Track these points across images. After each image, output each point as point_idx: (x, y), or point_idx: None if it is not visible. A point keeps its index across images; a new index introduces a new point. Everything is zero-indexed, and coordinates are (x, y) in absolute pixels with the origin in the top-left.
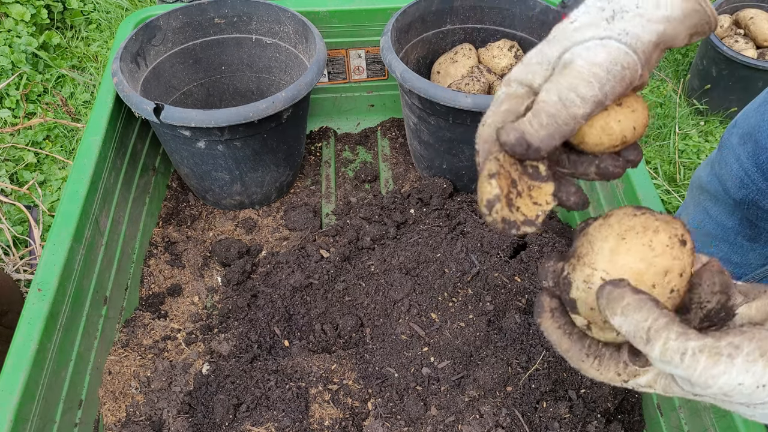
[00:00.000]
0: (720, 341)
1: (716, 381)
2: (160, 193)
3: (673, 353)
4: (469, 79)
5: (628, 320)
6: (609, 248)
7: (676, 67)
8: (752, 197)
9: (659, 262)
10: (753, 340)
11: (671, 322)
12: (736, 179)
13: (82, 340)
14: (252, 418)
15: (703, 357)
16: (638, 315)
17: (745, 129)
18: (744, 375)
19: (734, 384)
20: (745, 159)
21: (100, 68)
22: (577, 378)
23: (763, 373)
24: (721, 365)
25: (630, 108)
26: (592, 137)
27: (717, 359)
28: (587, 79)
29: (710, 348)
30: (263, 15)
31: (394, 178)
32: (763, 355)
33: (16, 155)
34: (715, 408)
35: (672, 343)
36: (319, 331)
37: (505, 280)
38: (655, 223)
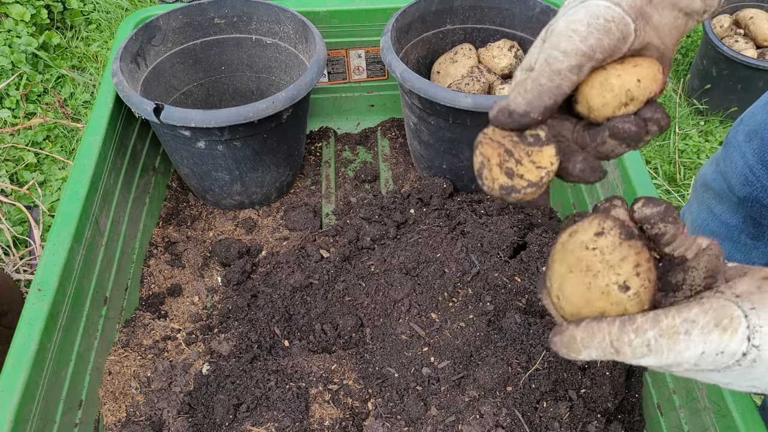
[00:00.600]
0: (675, 319)
1: (682, 356)
2: (160, 193)
3: (640, 348)
4: (469, 79)
5: (593, 351)
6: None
7: (676, 67)
8: (756, 195)
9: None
10: (709, 312)
11: (623, 325)
12: (741, 176)
13: (82, 341)
14: (252, 418)
15: (664, 340)
16: (595, 341)
17: (751, 126)
18: (702, 346)
19: (697, 355)
20: (750, 156)
21: (100, 68)
22: (577, 378)
23: (719, 341)
24: (681, 342)
25: (632, 64)
26: (594, 98)
27: (676, 338)
28: (567, 35)
29: (667, 329)
30: (263, 15)
31: (394, 178)
32: (717, 324)
33: (16, 155)
34: (716, 408)
35: (635, 342)
36: (319, 331)
37: (505, 280)
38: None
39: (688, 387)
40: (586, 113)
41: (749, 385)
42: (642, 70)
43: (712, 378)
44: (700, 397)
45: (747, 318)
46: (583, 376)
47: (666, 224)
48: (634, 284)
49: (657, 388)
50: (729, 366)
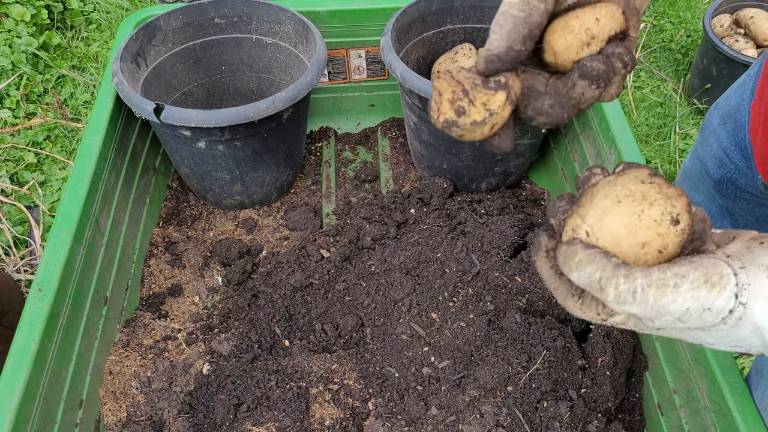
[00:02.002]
0: (666, 272)
1: (667, 308)
2: (160, 193)
3: (626, 294)
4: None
5: (582, 274)
6: (603, 207)
7: (676, 67)
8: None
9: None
10: (699, 269)
11: (618, 266)
12: (716, 159)
13: (82, 341)
14: (252, 418)
15: (652, 290)
16: (589, 268)
17: (725, 110)
18: (690, 301)
19: (683, 309)
20: (725, 138)
21: (100, 68)
22: (577, 378)
23: (707, 297)
24: (669, 295)
25: (591, 6)
26: (557, 41)
27: (664, 290)
28: None
29: (657, 281)
30: (263, 15)
31: (394, 177)
32: (707, 281)
33: (17, 155)
34: (716, 407)
35: (622, 286)
36: (319, 331)
37: (505, 279)
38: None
39: (689, 387)
40: (552, 60)
41: (732, 345)
42: (599, 11)
43: (697, 337)
44: (700, 397)
45: (736, 276)
46: (584, 375)
47: None
48: (684, 221)
49: (657, 387)
50: (715, 324)
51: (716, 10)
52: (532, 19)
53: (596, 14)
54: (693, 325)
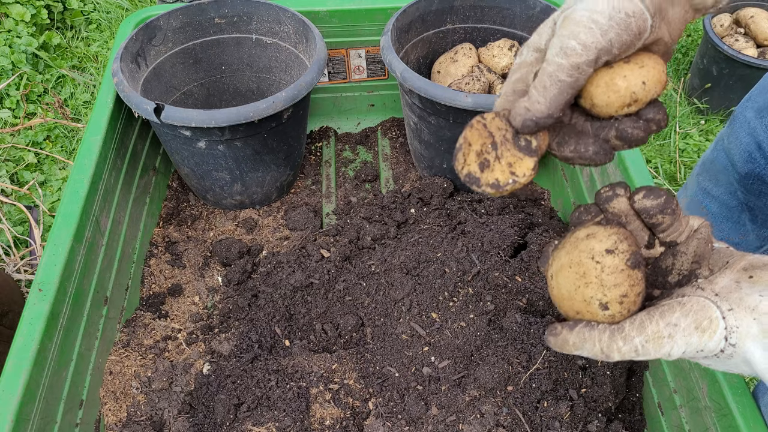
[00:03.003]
0: (659, 324)
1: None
2: (160, 193)
3: (629, 353)
4: (470, 79)
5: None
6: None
7: (676, 66)
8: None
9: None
10: (689, 315)
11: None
12: (745, 153)
13: (82, 341)
14: (253, 418)
15: (650, 345)
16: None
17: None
18: (684, 346)
19: (679, 353)
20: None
21: (100, 68)
22: (578, 377)
23: (699, 341)
24: (666, 346)
25: (638, 64)
26: (599, 96)
27: (660, 342)
28: (587, 26)
29: (652, 335)
30: (263, 15)
31: (394, 177)
32: (697, 327)
33: (17, 155)
34: (717, 407)
35: (624, 348)
36: (319, 331)
37: (505, 279)
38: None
39: (689, 386)
40: (588, 108)
41: (726, 369)
42: (648, 72)
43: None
44: (701, 397)
45: (725, 319)
46: (584, 375)
47: (664, 216)
48: (614, 309)
49: (658, 387)
50: (708, 358)
51: (717, 10)
52: (578, 83)
53: (644, 77)
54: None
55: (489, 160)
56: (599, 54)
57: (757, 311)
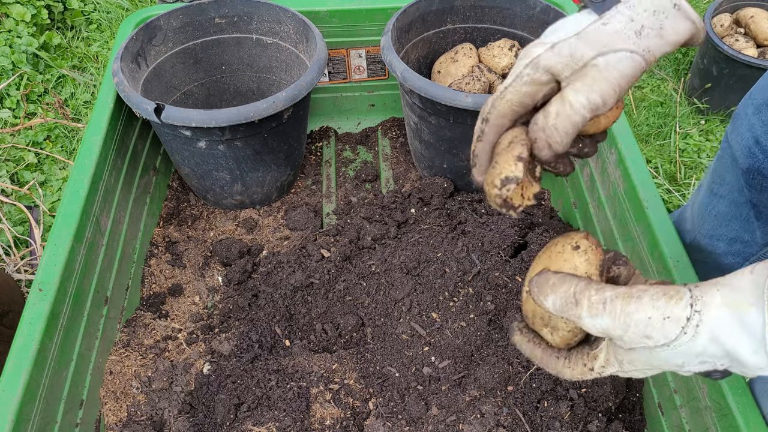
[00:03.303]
0: (632, 288)
1: (631, 318)
2: (160, 193)
3: (597, 304)
4: (470, 79)
5: (557, 295)
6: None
7: (676, 66)
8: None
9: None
10: (659, 287)
11: (589, 283)
12: (745, 148)
13: (83, 340)
14: (253, 418)
15: (619, 300)
16: (563, 287)
17: (760, 100)
18: (651, 310)
19: (644, 318)
20: (759, 127)
21: (100, 68)
22: None
23: (666, 306)
24: (633, 304)
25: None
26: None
27: (629, 300)
28: (614, 88)
29: (623, 293)
30: (264, 15)
31: (394, 177)
32: (665, 294)
33: (17, 155)
34: (717, 407)
35: (594, 297)
36: (320, 331)
37: (506, 279)
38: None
39: (689, 386)
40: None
41: (700, 361)
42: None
43: (667, 359)
44: (701, 396)
45: (690, 291)
46: None
47: (618, 267)
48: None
49: (658, 387)
50: (677, 337)
51: (716, 10)
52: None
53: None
54: (659, 342)
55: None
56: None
57: (718, 284)
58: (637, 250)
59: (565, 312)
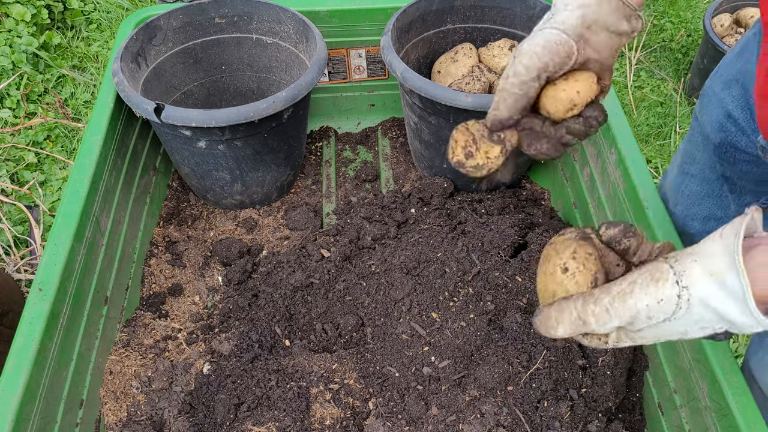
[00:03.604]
0: (622, 284)
1: (633, 311)
2: (160, 193)
3: (601, 315)
4: (470, 79)
5: (564, 325)
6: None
7: (676, 67)
8: (730, 139)
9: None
10: (644, 273)
11: (585, 300)
12: (716, 123)
13: (83, 340)
14: (253, 418)
15: (617, 302)
16: (565, 316)
17: (728, 76)
18: (646, 298)
19: (643, 307)
20: (730, 102)
21: (100, 68)
22: (578, 377)
23: (656, 290)
24: (629, 299)
25: (573, 79)
26: (549, 105)
27: (624, 297)
28: (528, 54)
29: (617, 294)
30: (264, 15)
31: (394, 177)
32: (652, 278)
33: (17, 155)
34: (717, 407)
35: (597, 311)
36: (319, 331)
37: (506, 279)
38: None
39: (689, 386)
40: (546, 115)
41: (700, 327)
42: (581, 84)
43: (671, 330)
44: (701, 397)
45: (673, 268)
46: (584, 375)
47: (628, 239)
48: (571, 266)
49: (658, 387)
50: (675, 312)
51: (716, 10)
52: (529, 94)
53: (578, 88)
54: (660, 319)
55: (471, 151)
56: (539, 72)
57: (694, 254)
58: None
59: (578, 332)
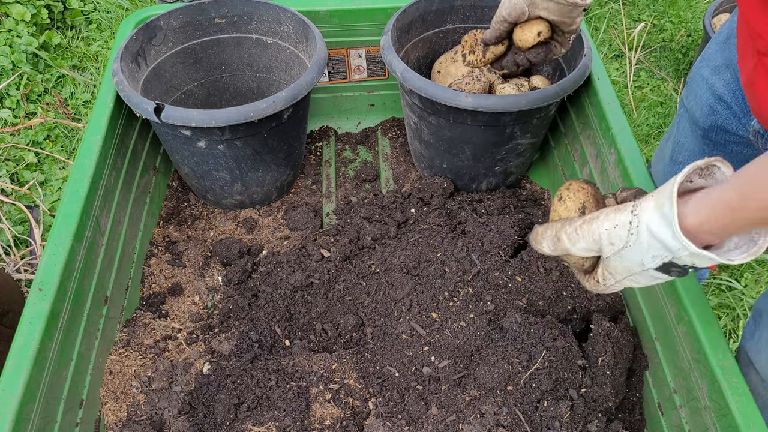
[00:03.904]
0: (594, 213)
1: (596, 233)
2: (160, 193)
3: (572, 234)
4: (470, 79)
5: (547, 240)
6: None
7: (676, 66)
8: (721, 123)
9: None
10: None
11: (564, 222)
12: (706, 107)
13: (82, 340)
14: (253, 418)
15: (585, 225)
16: (548, 233)
17: (716, 62)
18: (607, 223)
19: (604, 230)
20: (720, 86)
21: (100, 68)
22: (578, 377)
23: (615, 217)
24: (595, 223)
25: (529, 25)
26: (519, 41)
27: (591, 222)
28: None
29: (588, 218)
30: (263, 14)
31: (394, 177)
32: (617, 210)
33: (17, 155)
34: (716, 407)
35: (569, 230)
36: (319, 331)
37: (505, 279)
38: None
39: (689, 386)
40: (517, 44)
41: (652, 256)
42: (537, 26)
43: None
44: (700, 397)
45: (633, 204)
46: (584, 375)
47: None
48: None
49: (658, 387)
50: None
51: (716, 10)
52: (500, 29)
53: (536, 29)
54: (619, 246)
55: (472, 50)
56: (506, 18)
57: (654, 192)
58: None
59: (557, 249)
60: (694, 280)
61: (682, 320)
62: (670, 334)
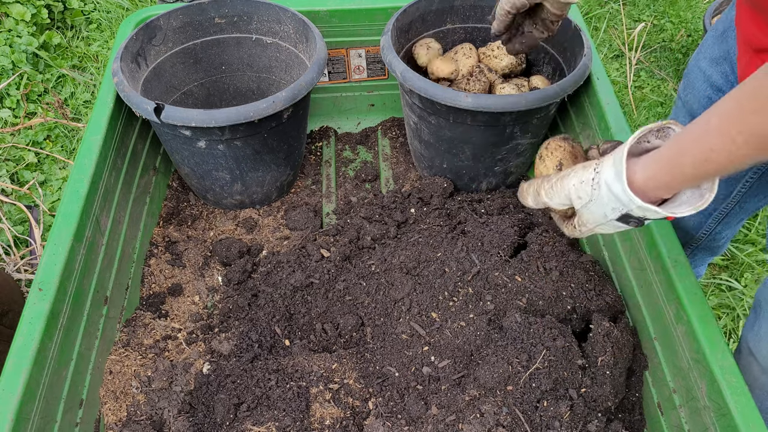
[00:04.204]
0: (567, 171)
1: (566, 189)
2: (160, 193)
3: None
4: (470, 79)
5: (529, 195)
6: None
7: (676, 67)
8: None
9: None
10: (581, 165)
11: (543, 179)
12: (704, 98)
13: (82, 340)
14: (253, 418)
15: (558, 181)
16: (530, 189)
17: (714, 55)
18: (575, 179)
19: (572, 186)
20: (718, 77)
21: (100, 68)
22: (578, 377)
23: (582, 174)
24: (566, 180)
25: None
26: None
27: (564, 178)
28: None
29: (562, 176)
30: (263, 14)
31: (394, 177)
32: (584, 167)
33: (17, 155)
34: (716, 407)
35: (546, 185)
36: (319, 331)
37: (505, 279)
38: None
39: (689, 386)
40: None
41: (612, 209)
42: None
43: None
44: (700, 396)
45: (596, 162)
46: (584, 375)
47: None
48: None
49: (657, 387)
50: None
51: (716, 10)
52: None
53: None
54: (586, 199)
55: None
56: (509, 10)
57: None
58: (635, 249)
59: (539, 202)
60: (694, 279)
61: (682, 320)
62: (669, 334)
